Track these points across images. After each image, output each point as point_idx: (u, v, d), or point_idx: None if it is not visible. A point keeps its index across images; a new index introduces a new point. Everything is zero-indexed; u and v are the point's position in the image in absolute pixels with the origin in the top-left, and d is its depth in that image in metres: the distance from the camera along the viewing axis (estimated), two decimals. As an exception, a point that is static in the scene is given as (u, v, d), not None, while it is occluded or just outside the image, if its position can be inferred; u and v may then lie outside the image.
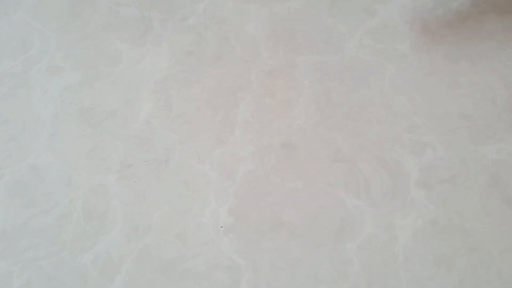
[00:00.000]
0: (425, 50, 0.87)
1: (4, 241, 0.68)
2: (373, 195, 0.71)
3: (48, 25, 0.94)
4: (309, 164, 0.74)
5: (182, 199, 0.71)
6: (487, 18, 0.90)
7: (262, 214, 0.70)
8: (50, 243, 0.68)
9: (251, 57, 0.87)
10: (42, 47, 0.90)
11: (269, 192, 0.72)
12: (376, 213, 0.69)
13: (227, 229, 0.68)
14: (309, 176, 0.73)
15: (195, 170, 0.74)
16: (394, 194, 0.71)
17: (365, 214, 0.69)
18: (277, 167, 0.74)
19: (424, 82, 0.83)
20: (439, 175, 0.73)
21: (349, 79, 0.84)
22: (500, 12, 0.92)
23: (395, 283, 0.64)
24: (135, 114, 0.80)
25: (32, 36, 0.92)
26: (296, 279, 0.64)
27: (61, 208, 0.71)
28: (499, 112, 0.79)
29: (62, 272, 0.65)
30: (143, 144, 0.77)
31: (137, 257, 0.66)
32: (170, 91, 0.83)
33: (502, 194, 0.71)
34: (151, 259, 0.66)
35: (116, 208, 0.70)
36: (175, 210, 0.70)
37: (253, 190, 0.72)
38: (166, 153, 0.76)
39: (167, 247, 0.67)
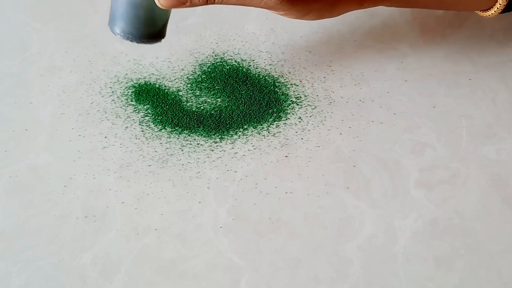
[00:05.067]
0: (425, 50, 0.87)
1: (2, 241, 0.68)
2: (373, 195, 0.71)
3: (47, 24, 0.94)
4: (309, 164, 0.74)
5: (181, 199, 0.71)
6: (487, 18, 0.90)
7: (262, 214, 0.69)
8: (49, 244, 0.67)
9: (250, 56, 0.87)
10: (41, 47, 0.90)
11: (269, 192, 0.71)
12: (376, 213, 0.69)
13: (227, 229, 0.68)
14: (309, 176, 0.73)
15: (194, 170, 0.74)
16: (394, 194, 0.71)
17: (365, 214, 0.69)
18: (277, 167, 0.74)
19: (424, 82, 0.83)
20: (439, 175, 0.73)
21: (349, 79, 0.84)
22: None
23: (395, 283, 0.63)
24: (134, 114, 0.80)
25: (31, 35, 0.92)
26: (296, 279, 0.64)
27: (60, 208, 0.71)
28: (499, 112, 0.79)
29: (61, 273, 0.65)
30: (143, 144, 0.77)
31: (136, 257, 0.66)
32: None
33: (502, 194, 0.71)
34: (150, 260, 0.66)
35: (115, 209, 0.70)
36: (174, 211, 0.70)
37: (253, 190, 0.72)
38: (165, 153, 0.76)
39: (166, 248, 0.67)
